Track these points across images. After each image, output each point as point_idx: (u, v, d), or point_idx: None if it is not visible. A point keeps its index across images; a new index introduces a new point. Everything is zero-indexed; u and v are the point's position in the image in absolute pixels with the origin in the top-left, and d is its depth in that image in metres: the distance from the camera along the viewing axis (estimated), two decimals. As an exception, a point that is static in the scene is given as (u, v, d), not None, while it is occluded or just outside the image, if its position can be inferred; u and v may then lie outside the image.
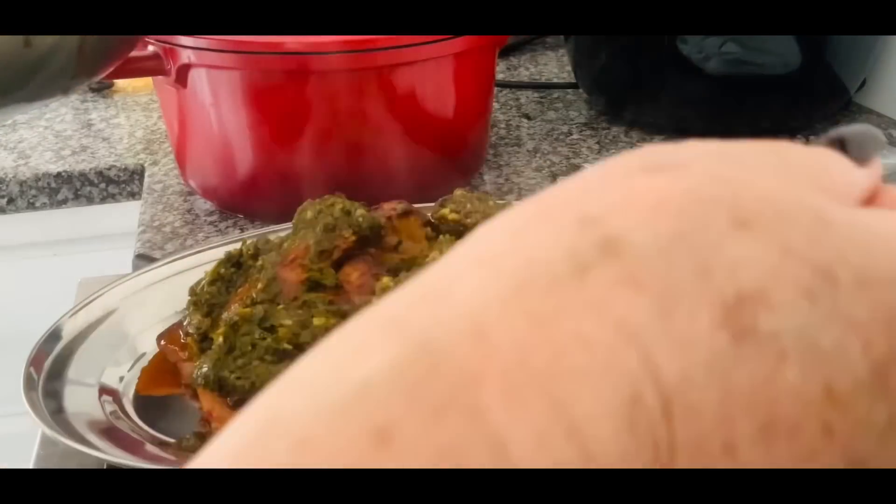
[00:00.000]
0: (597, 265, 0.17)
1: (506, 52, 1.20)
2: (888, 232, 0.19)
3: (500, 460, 0.15)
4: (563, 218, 0.18)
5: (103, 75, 0.65)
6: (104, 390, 0.53)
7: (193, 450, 0.47)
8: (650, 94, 0.92)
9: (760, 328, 0.17)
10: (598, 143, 0.93)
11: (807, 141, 0.91)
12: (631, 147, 0.91)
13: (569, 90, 1.06)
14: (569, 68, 1.05)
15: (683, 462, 0.16)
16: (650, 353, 0.16)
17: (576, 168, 0.87)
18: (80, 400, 0.51)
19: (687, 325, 0.16)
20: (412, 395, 0.15)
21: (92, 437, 0.47)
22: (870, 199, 0.22)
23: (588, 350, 0.16)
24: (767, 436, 0.17)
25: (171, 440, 0.49)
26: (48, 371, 0.52)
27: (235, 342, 0.48)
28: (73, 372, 0.53)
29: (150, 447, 0.48)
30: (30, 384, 0.50)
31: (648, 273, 0.17)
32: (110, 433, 0.49)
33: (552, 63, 1.18)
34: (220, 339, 0.48)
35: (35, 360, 0.52)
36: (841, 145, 0.22)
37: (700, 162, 0.19)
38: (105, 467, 0.47)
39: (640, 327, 0.16)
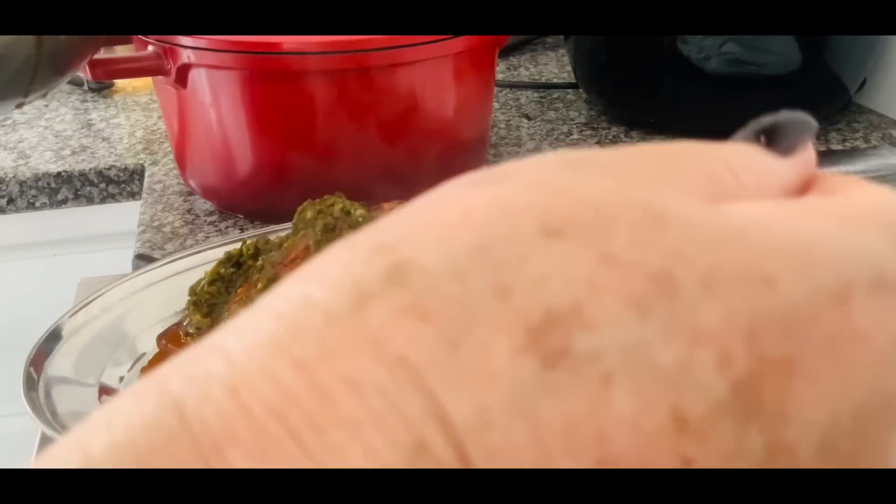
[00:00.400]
0: (379, 296, 0.14)
1: (506, 52, 1.20)
2: (753, 222, 0.16)
3: None
4: (358, 249, 0.15)
5: (67, 77, 0.64)
6: (104, 390, 0.53)
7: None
8: (650, 94, 0.92)
9: (576, 350, 0.14)
10: (598, 143, 0.93)
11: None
12: (631, 147, 0.91)
13: (569, 90, 1.06)
14: (569, 68, 1.05)
15: None
16: (434, 392, 0.14)
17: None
18: (80, 400, 0.51)
19: (480, 356, 0.14)
20: (147, 461, 0.13)
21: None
22: (801, 191, 0.20)
23: (358, 396, 0.13)
24: None
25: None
26: (48, 371, 0.52)
27: (235, 342, 0.48)
28: (73, 372, 0.53)
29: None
30: (30, 384, 0.50)
31: (437, 299, 0.14)
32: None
33: (552, 63, 1.18)
34: (220, 339, 0.48)
35: (35, 360, 0.52)
36: (767, 136, 0.20)
37: (531, 170, 0.16)
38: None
39: (424, 363, 0.14)
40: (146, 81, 1.11)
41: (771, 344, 0.15)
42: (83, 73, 0.74)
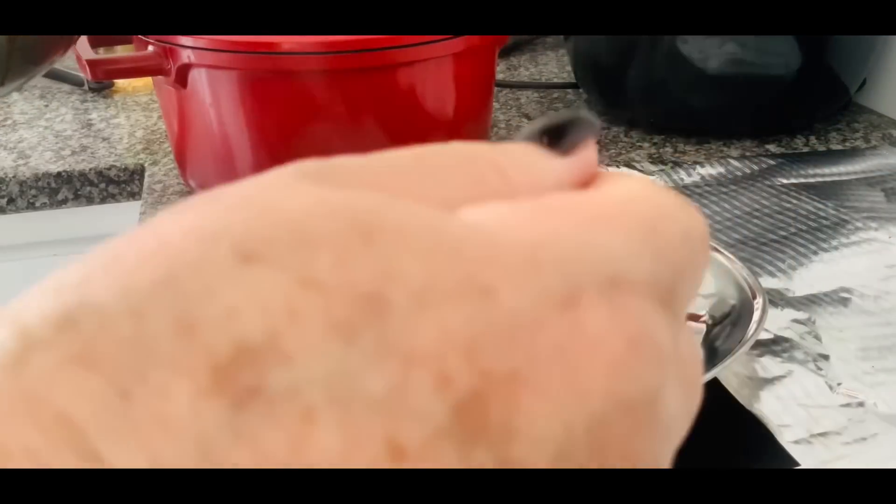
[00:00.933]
0: (44, 345, 0.13)
1: (506, 52, 1.20)
2: (478, 229, 0.15)
3: None
4: (42, 290, 0.14)
5: (44, 69, 0.64)
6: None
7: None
8: (650, 94, 0.92)
9: (270, 386, 0.12)
10: (597, 143, 0.93)
11: (806, 141, 0.91)
12: (631, 147, 0.91)
13: (569, 90, 1.06)
14: (569, 68, 1.05)
15: None
16: (97, 451, 0.12)
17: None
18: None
19: (156, 404, 0.12)
20: None
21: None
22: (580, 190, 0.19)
23: (3, 464, 0.12)
24: None
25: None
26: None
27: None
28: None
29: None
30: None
31: (108, 343, 0.13)
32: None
33: (552, 63, 1.18)
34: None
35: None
36: (550, 136, 0.19)
37: (250, 187, 0.15)
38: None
39: (87, 419, 0.12)
40: (146, 81, 1.11)
41: (494, 358, 0.14)
42: (83, 72, 0.74)
